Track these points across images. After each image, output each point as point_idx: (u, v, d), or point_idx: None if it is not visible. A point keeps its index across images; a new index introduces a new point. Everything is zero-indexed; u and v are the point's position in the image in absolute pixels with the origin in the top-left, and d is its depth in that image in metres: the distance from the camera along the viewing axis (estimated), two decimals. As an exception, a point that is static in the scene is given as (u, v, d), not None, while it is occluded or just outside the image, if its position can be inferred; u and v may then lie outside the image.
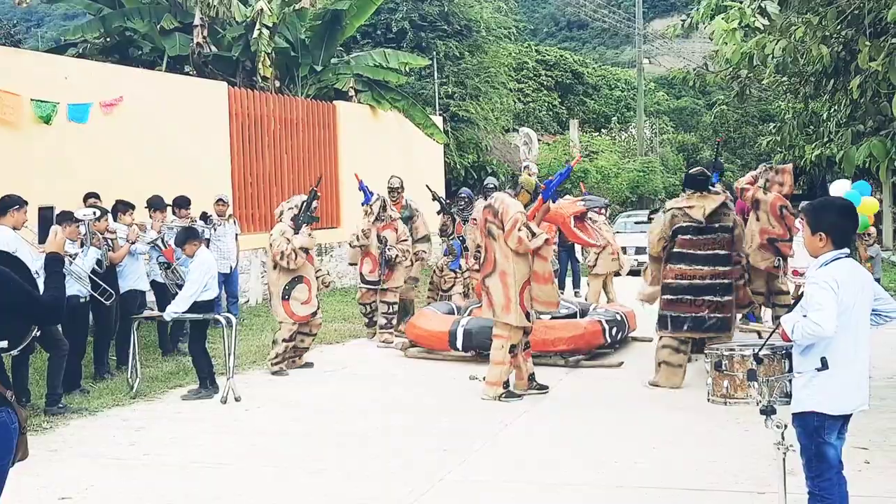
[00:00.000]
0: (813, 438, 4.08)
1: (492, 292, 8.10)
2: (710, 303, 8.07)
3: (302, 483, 5.88)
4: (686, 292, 8.08)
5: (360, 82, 19.15)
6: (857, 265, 4.17)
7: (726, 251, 8.15)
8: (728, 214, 8.19)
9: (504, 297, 8.01)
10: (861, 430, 6.04)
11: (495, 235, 8.03)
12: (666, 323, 8.24)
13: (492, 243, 8.09)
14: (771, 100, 26.55)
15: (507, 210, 7.97)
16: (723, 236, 8.16)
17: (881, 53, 5.15)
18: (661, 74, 46.37)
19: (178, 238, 8.88)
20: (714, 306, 8.07)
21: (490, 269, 8.12)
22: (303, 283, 9.55)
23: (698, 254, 8.11)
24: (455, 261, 12.27)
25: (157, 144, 13.09)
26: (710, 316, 8.07)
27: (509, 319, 8.03)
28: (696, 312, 8.07)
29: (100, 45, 17.94)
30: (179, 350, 10.36)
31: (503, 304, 8.03)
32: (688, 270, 8.10)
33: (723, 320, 8.07)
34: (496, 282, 8.06)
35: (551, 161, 28.21)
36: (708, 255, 8.10)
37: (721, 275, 8.08)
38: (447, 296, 12.05)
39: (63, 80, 11.63)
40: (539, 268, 8.11)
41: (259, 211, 15.66)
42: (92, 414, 7.85)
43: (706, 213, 8.11)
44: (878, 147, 5.64)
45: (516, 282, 7.98)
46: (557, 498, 5.46)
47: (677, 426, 7.01)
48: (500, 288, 8.02)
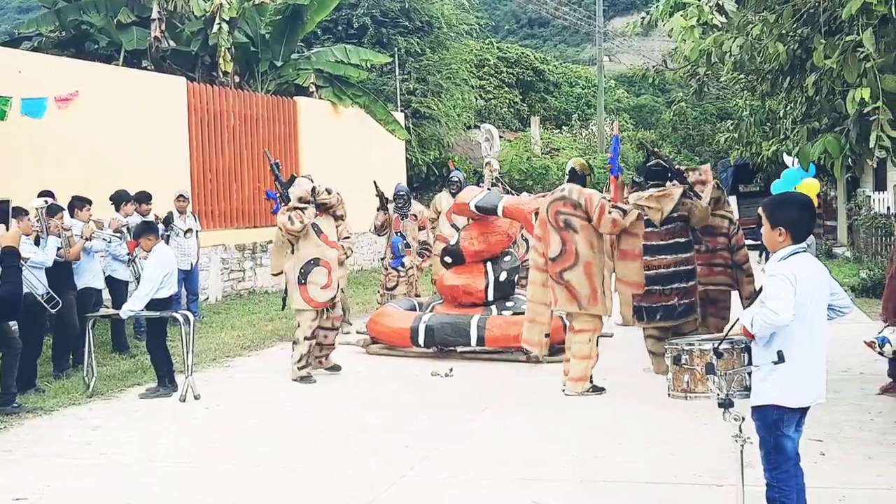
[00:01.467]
0: (772, 431, 4.14)
1: (574, 285, 8.01)
2: (677, 290, 8.25)
3: (264, 481, 5.84)
4: (654, 283, 8.23)
5: (321, 78, 19.06)
6: (814, 260, 4.23)
7: (686, 238, 8.33)
8: (685, 203, 8.29)
9: (590, 288, 8.00)
10: (816, 422, 6.13)
11: (577, 227, 8.01)
12: (642, 315, 8.40)
13: (572, 236, 8.02)
14: (728, 97, 26.86)
15: (591, 198, 8.02)
16: (680, 225, 8.32)
17: (836, 51, 5.22)
18: (621, 72, 46.71)
19: (136, 231, 8.77)
20: (682, 293, 8.26)
21: (571, 261, 8.01)
22: (320, 266, 8.80)
23: (661, 244, 8.28)
24: (397, 259, 12.06)
25: (115, 140, 12.92)
26: (679, 303, 8.25)
27: (597, 310, 8.07)
28: (666, 301, 8.23)
29: (55, 39, 17.65)
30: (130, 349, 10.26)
31: (589, 296, 8.01)
32: (653, 262, 8.25)
33: (690, 304, 8.28)
34: (579, 274, 8.00)
35: (513, 157, 28.27)
36: (670, 244, 8.27)
37: (684, 261, 8.27)
38: (391, 294, 11.91)
39: (17, 75, 11.41)
40: (628, 245, 8.19)
41: (219, 207, 15.52)
42: (48, 413, 7.73)
43: (663, 216, 8.25)
44: (832, 144, 5.72)
45: (601, 271, 8.06)
46: (520, 493, 5.47)
47: (639, 421, 7.06)
48: (585, 279, 7.99)
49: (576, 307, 8.06)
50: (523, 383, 8.73)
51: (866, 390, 7.74)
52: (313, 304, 8.80)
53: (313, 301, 8.79)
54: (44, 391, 8.45)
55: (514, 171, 26.49)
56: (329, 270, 8.84)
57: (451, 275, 10.45)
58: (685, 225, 8.36)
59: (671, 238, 8.32)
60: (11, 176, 10.86)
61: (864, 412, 7.07)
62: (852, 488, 5.34)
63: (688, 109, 34.71)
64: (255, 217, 16.26)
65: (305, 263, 8.78)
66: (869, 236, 18.21)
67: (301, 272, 8.77)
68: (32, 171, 11.23)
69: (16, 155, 11.20)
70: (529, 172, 27.09)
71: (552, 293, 8.19)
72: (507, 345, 9.61)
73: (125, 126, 13.17)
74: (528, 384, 8.70)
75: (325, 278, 8.80)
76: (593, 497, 5.39)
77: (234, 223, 15.79)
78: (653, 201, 8.27)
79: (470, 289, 10.26)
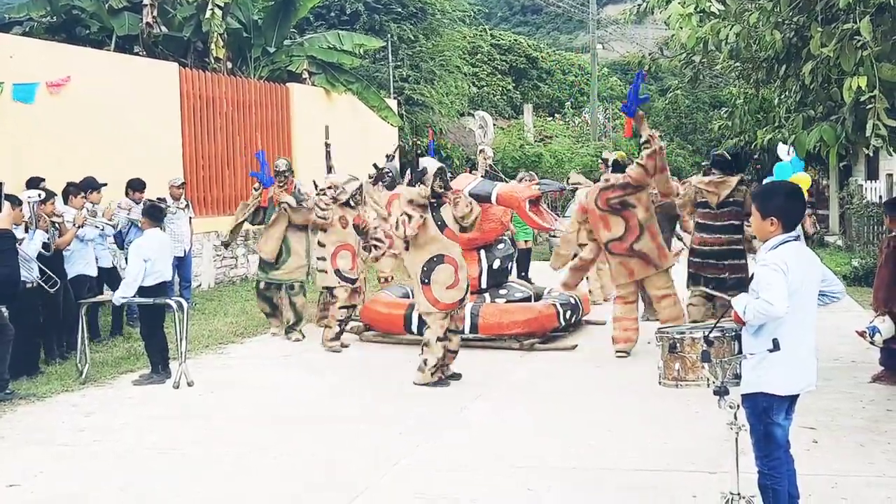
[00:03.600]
0: (762, 419, 4.16)
1: (646, 251, 9.00)
2: (729, 266, 8.99)
3: (256, 468, 5.84)
4: (710, 257, 9.02)
5: (314, 64, 18.97)
6: (805, 248, 4.24)
7: (738, 221, 9.03)
8: (741, 190, 8.96)
9: (657, 248, 9.07)
10: (809, 410, 6.17)
11: (632, 202, 8.97)
12: (698, 280, 9.14)
13: (631, 211, 8.98)
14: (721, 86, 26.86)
15: (632, 175, 8.90)
16: (735, 210, 8.97)
17: (832, 40, 5.20)
18: (614, 60, 46.62)
19: (145, 209, 8.73)
20: (733, 268, 8.99)
21: (637, 233, 8.98)
22: (445, 263, 8.01)
23: (716, 224, 9.02)
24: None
25: (107, 126, 12.85)
26: (730, 277, 8.95)
27: (667, 262, 9.16)
28: (719, 274, 8.99)
29: (46, 24, 17.50)
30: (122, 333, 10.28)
31: (658, 254, 9.08)
32: (708, 238, 9.02)
33: (740, 280, 8.78)
34: (647, 239, 8.99)
35: (506, 145, 28.24)
36: (724, 226, 9.00)
37: (735, 241, 9.02)
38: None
39: (8, 59, 11.34)
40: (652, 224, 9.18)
41: (211, 194, 15.47)
42: (40, 400, 7.72)
43: (720, 199, 8.97)
44: (828, 132, 5.71)
45: (657, 227, 9.18)
46: (513, 480, 5.49)
47: (631, 409, 7.09)
48: (652, 242, 9.01)
49: (653, 269, 9.03)
50: (516, 371, 8.74)
51: (858, 379, 7.77)
52: (440, 306, 8.02)
53: (440, 303, 8.02)
54: (42, 373, 8.49)
55: (506, 158, 26.47)
56: (455, 268, 8.03)
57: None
58: (739, 210, 8.93)
59: (726, 220, 8.99)
60: (2, 161, 10.79)
61: (855, 400, 7.11)
62: (844, 476, 5.37)
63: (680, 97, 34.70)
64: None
65: (428, 261, 8.01)
66: (861, 225, 18.26)
67: (424, 270, 8.01)
68: (23, 156, 11.16)
69: (7, 140, 11.12)
70: (522, 160, 27.07)
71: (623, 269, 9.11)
72: (501, 332, 9.62)
73: (117, 112, 13.09)
74: (521, 372, 8.71)
75: (451, 277, 8.01)
76: (587, 484, 5.41)
77: (226, 210, 15.71)
78: (712, 186, 9.00)
79: (463, 276, 10.25)
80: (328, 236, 9.93)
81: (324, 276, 9.95)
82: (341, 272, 9.84)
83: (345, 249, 9.89)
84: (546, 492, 5.28)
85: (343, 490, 5.37)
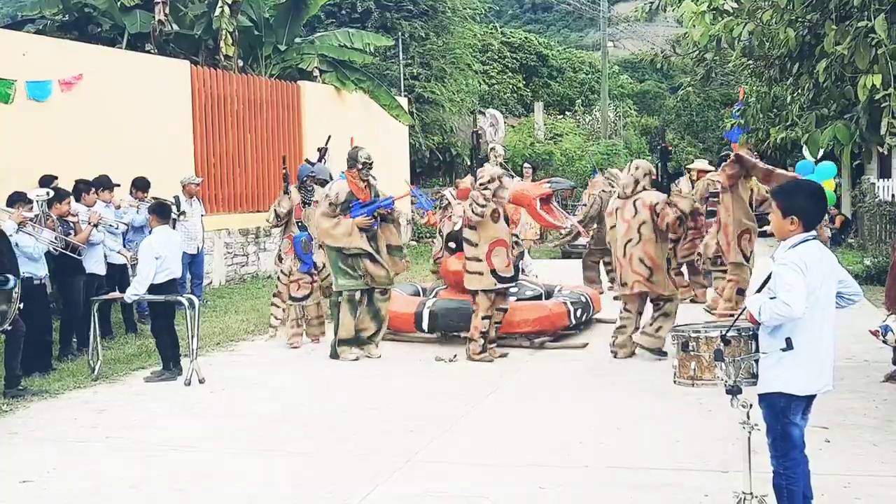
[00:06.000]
0: (779, 419, 4.13)
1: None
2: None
3: (268, 465, 5.85)
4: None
5: (325, 62, 19.00)
6: (823, 248, 4.19)
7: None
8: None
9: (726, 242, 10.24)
10: (821, 409, 6.12)
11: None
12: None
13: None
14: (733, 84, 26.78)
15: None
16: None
17: (846, 37, 5.18)
18: (624, 57, 46.55)
19: (151, 207, 8.74)
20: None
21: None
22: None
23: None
24: (306, 262, 9.69)
25: (119, 123, 12.90)
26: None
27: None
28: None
29: (58, 22, 17.59)
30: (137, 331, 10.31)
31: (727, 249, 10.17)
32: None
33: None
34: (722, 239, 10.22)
35: (516, 143, 28.22)
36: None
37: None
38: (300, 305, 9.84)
39: (21, 58, 11.39)
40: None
41: (222, 191, 15.51)
42: (53, 396, 7.75)
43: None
44: (842, 131, 5.69)
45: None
46: (524, 478, 5.48)
47: (641, 407, 7.06)
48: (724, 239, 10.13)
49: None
50: (527, 369, 8.72)
51: (871, 378, 7.73)
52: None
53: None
54: (55, 369, 8.53)
55: (517, 156, 26.47)
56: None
57: (455, 260, 10.43)
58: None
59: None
60: (15, 159, 10.83)
61: (868, 399, 7.07)
62: (857, 475, 5.34)
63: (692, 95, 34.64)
64: (259, 201, 16.23)
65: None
66: (873, 224, 18.16)
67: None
68: (36, 153, 11.21)
69: (20, 138, 11.17)
70: (533, 158, 27.07)
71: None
72: (511, 331, 9.60)
73: (129, 110, 13.13)
74: (532, 370, 8.69)
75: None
76: (598, 482, 5.39)
77: (237, 207, 15.78)
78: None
79: (474, 274, 10.24)
80: (479, 233, 8.94)
81: (477, 278, 8.97)
82: (497, 272, 8.93)
83: (499, 246, 8.96)
84: (557, 490, 5.27)
85: (354, 487, 5.37)
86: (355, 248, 8.95)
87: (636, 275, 8.75)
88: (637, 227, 8.73)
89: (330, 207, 8.94)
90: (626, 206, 8.87)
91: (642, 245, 8.72)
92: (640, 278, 8.75)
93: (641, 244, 8.71)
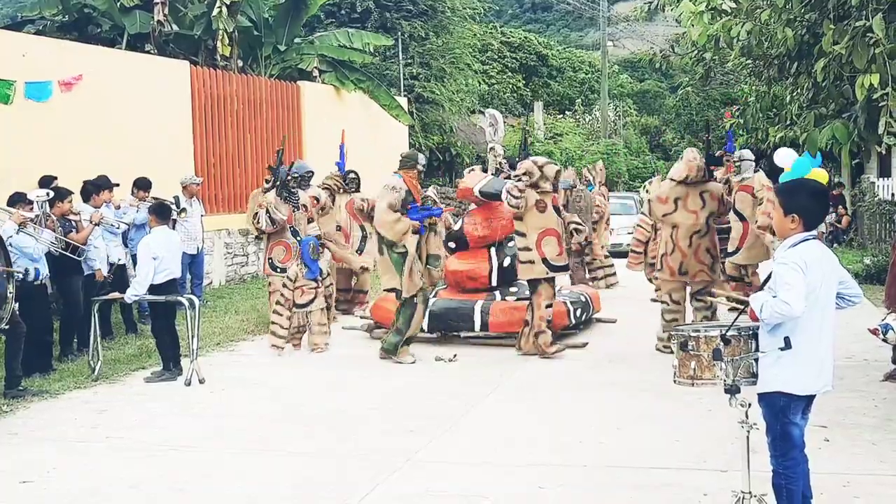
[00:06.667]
0: (779, 418, 4.12)
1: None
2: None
3: (268, 465, 5.85)
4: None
5: (325, 62, 19.00)
6: (824, 248, 4.19)
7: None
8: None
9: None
10: (821, 408, 6.12)
11: (746, 216, 9.72)
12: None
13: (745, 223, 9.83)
14: (733, 83, 26.79)
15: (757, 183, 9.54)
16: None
17: (845, 37, 5.19)
18: (624, 57, 46.56)
19: (151, 207, 8.76)
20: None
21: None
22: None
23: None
24: (312, 268, 9.42)
25: (119, 124, 12.90)
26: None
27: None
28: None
29: (58, 22, 17.60)
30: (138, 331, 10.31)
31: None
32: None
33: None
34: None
35: (516, 143, 28.20)
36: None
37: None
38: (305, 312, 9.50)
39: (21, 58, 11.39)
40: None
41: (222, 192, 15.52)
42: (53, 396, 7.75)
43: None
44: (840, 130, 5.70)
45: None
46: (524, 478, 5.49)
47: (641, 407, 7.07)
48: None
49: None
50: (527, 369, 8.73)
51: (870, 377, 7.74)
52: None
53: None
54: (55, 370, 8.53)
55: (516, 156, 26.43)
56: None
57: (455, 260, 10.44)
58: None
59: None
60: (15, 159, 10.83)
61: (868, 399, 7.08)
62: (857, 474, 5.35)
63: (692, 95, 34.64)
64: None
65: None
66: (873, 223, 18.18)
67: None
68: (36, 154, 11.21)
69: (20, 138, 11.17)
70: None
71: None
72: (511, 330, 9.61)
73: (129, 110, 13.13)
74: (531, 370, 8.70)
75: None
76: (598, 482, 5.40)
77: (237, 208, 15.76)
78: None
79: (474, 274, 10.25)
80: (526, 223, 9.06)
81: (529, 267, 9.06)
82: (549, 261, 9.00)
83: (549, 235, 9.05)
84: (557, 490, 5.27)
85: (354, 487, 5.37)
86: (402, 247, 9.01)
87: (701, 264, 8.84)
88: (705, 217, 8.86)
89: (396, 201, 8.94)
90: (691, 197, 8.85)
91: (710, 236, 8.89)
92: (704, 268, 8.86)
93: (709, 235, 8.89)
